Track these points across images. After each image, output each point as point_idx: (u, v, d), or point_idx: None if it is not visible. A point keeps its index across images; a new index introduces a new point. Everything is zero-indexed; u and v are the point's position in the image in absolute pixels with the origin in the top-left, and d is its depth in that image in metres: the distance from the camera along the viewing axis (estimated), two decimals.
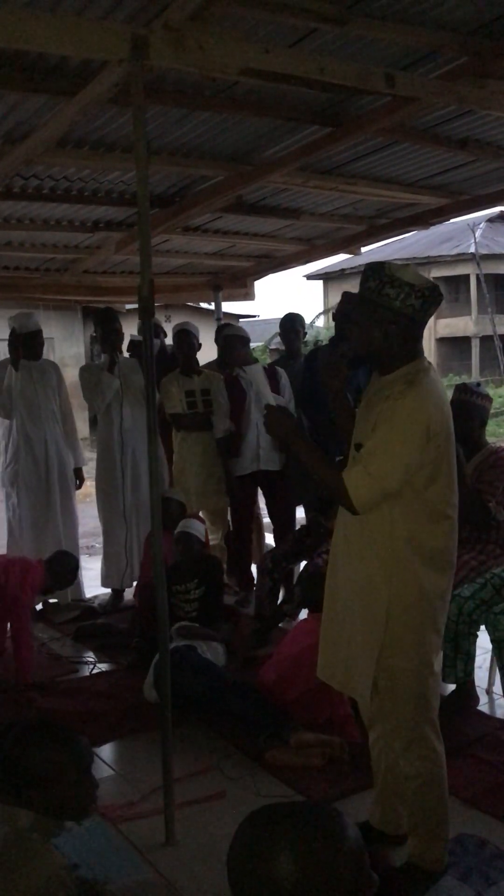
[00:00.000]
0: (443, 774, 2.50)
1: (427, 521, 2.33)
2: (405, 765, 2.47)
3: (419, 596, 2.33)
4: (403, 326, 2.30)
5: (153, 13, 2.69)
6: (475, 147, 4.24)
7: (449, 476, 2.34)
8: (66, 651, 4.79)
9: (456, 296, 32.64)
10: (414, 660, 2.37)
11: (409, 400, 2.24)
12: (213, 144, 4.12)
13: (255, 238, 6.11)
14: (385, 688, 2.42)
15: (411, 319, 2.29)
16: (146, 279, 2.62)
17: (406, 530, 2.31)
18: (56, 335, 17.49)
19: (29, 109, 3.46)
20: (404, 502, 2.29)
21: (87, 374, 5.44)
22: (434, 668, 2.42)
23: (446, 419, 2.32)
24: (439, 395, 2.33)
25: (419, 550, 2.33)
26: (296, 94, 3.50)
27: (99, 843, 2.78)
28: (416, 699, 2.40)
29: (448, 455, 2.33)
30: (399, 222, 5.88)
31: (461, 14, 2.91)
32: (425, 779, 2.46)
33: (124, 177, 4.48)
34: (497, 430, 16.23)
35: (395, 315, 2.27)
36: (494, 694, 3.87)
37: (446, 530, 2.37)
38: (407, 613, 2.34)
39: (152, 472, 2.74)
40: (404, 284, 2.26)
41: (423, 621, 2.36)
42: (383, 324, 2.29)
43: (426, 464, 2.26)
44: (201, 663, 3.66)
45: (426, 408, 2.25)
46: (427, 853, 2.49)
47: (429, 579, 2.35)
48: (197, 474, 5.37)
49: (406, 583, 2.32)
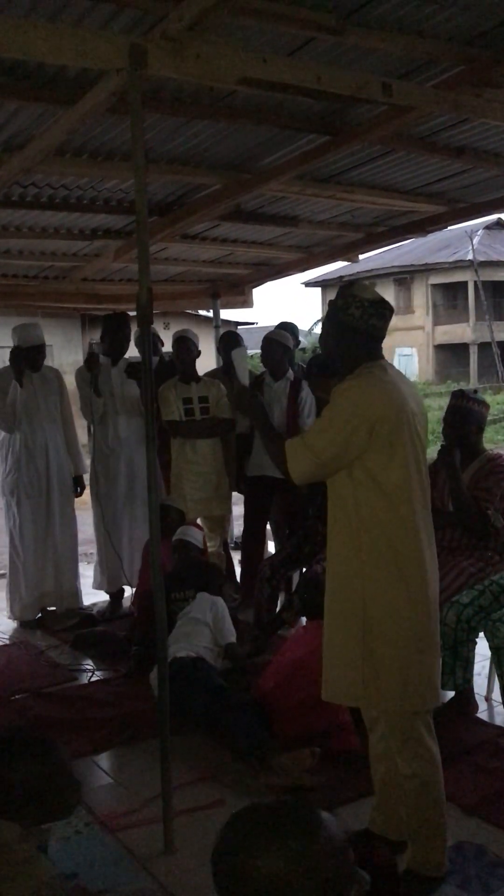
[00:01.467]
0: (438, 776, 2.50)
1: (388, 508, 2.41)
2: (402, 764, 2.48)
3: (396, 577, 2.40)
4: (364, 339, 2.50)
5: (151, 23, 2.70)
6: (472, 155, 4.27)
7: (409, 465, 2.42)
8: (65, 659, 4.78)
9: (454, 303, 32.75)
10: (396, 645, 2.40)
11: (350, 386, 2.43)
12: (212, 153, 4.13)
13: (253, 246, 6.13)
14: (370, 676, 2.44)
15: (368, 334, 2.49)
16: (144, 287, 2.63)
17: (370, 514, 2.41)
18: (55, 342, 17.52)
19: (28, 118, 3.47)
20: (364, 486, 2.40)
21: (82, 379, 5.46)
22: (418, 654, 2.42)
23: (397, 406, 2.40)
24: (387, 384, 2.43)
25: (385, 532, 2.41)
26: (293, 103, 3.52)
27: (97, 851, 2.77)
28: (402, 686, 2.41)
29: (406, 442, 2.41)
30: (397, 230, 5.90)
31: (457, 23, 2.93)
32: (422, 779, 2.46)
33: (123, 185, 4.49)
34: (495, 437, 16.25)
35: (354, 330, 2.49)
36: (493, 701, 3.86)
37: (405, 514, 2.42)
38: (383, 594, 2.40)
39: (150, 480, 2.74)
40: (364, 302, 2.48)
41: (400, 602, 2.40)
42: (345, 337, 2.50)
43: (369, 446, 2.37)
44: (202, 680, 3.64)
45: (367, 393, 2.40)
46: (426, 859, 2.49)
47: (400, 560, 2.41)
48: (194, 482, 5.38)
49: (378, 564, 2.41)
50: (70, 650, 4.91)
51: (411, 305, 33.26)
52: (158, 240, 5.27)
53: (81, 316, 16.44)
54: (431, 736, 2.49)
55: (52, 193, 4.58)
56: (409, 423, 2.43)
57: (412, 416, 2.45)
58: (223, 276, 7.25)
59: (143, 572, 5.00)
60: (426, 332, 32.85)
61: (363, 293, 2.51)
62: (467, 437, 3.94)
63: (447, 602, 3.60)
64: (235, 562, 5.89)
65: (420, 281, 32.76)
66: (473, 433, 3.97)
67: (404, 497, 2.42)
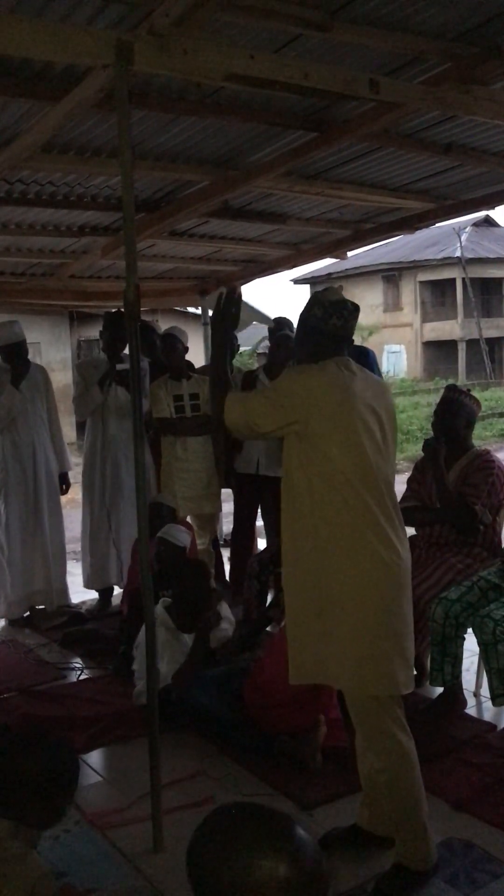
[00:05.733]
0: (411, 770, 2.49)
1: (335, 489, 2.45)
2: (373, 758, 2.51)
3: (350, 562, 2.45)
4: (325, 339, 2.60)
5: (138, 19, 2.69)
6: (459, 152, 4.27)
7: (362, 453, 2.47)
8: (53, 657, 4.77)
9: (442, 300, 32.80)
10: (351, 626, 2.43)
11: (300, 369, 2.59)
12: (199, 149, 4.12)
13: (241, 243, 6.11)
14: (325, 655, 2.48)
15: (330, 333, 2.60)
16: (132, 284, 2.62)
17: (320, 496, 2.47)
18: (43, 339, 17.45)
19: (13, 114, 3.45)
20: (314, 462, 2.47)
21: (81, 375, 5.46)
22: (375, 638, 2.43)
23: (341, 391, 2.48)
24: (337, 374, 2.51)
25: (337, 513, 2.46)
26: (281, 100, 3.51)
27: (86, 850, 2.77)
28: (357, 668, 2.42)
29: (358, 430, 2.47)
30: (385, 227, 5.90)
31: (444, 20, 2.93)
32: (391, 773, 2.47)
33: (110, 181, 4.47)
34: (483, 433, 16.32)
35: (317, 331, 2.60)
36: (482, 697, 3.88)
37: (352, 497, 2.45)
38: (336, 574, 2.46)
39: (138, 478, 2.73)
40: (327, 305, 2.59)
41: (355, 584, 2.43)
42: (309, 337, 2.62)
43: (307, 426, 2.45)
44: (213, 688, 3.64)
45: (311, 374, 2.50)
46: (412, 852, 2.50)
47: (352, 546, 2.45)
48: (185, 479, 5.37)
49: (327, 547, 2.47)
50: (59, 648, 4.90)
51: (400, 302, 33.30)
52: (146, 237, 5.26)
53: (69, 313, 16.35)
54: (402, 730, 2.49)
55: (39, 190, 4.56)
56: (360, 412, 2.48)
57: (365, 408, 2.50)
58: (211, 273, 7.23)
59: (132, 570, 5.00)
60: (414, 329, 32.90)
61: (327, 295, 2.63)
62: (456, 431, 3.96)
63: (435, 598, 3.61)
64: (225, 559, 5.89)
65: (408, 278, 32.79)
66: (462, 427, 3.99)
67: (355, 482, 2.45)
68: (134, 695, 3.84)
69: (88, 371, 5.47)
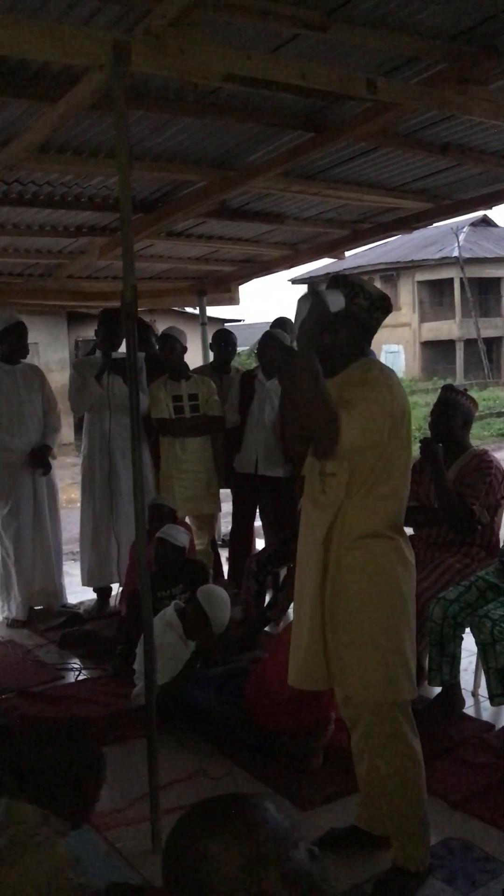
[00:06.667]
0: (420, 774, 2.49)
1: (375, 500, 2.40)
2: (382, 763, 2.48)
3: (371, 572, 2.42)
4: (364, 332, 2.46)
5: (135, 19, 2.69)
6: (457, 152, 4.27)
7: (407, 465, 2.47)
8: (52, 658, 4.76)
9: (440, 299, 32.83)
10: (359, 632, 2.40)
11: (372, 382, 2.35)
12: (196, 150, 4.12)
13: (238, 243, 6.11)
14: (331, 660, 2.45)
15: (370, 327, 2.45)
16: (129, 284, 2.62)
17: (355, 511, 2.39)
18: (41, 340, 17.42)
19: (10, 115, 3.45)
20: (376, 472, 2.38)
21: (78, 372, 5.45)
22: (384, 644, 2.41)
23: (403, 404, 2.42)
24: (396, 382, 2.43)
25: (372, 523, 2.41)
26: (278, 100, 3.51)
27: (85, 850, 2.76)
28: (362, 675, 2.41)
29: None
30: (382, 227, 5.90)
31: (442, 20, 2.93)
32: (402, 777, 2.46)
33: (107, 182, 4.47)
34: (482, 433, 16.33)
35: (357, 320, 2.42)
36: (480, 696, 3.88)
37: (398, 509, 2.46)
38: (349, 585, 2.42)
39: (136, 479, 2.73)
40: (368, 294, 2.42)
41: (380, 587, 2.41)
42: (346, 326, 2.41)
43: (390, 437, 2.35)
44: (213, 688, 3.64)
45: (395, 387, 2.38)
46: (410, 854, 2.49)
47: (379, 557, 2.42)
48: (184, 480, 5.36)
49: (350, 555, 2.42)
50: (57, 649, 4.89)
51: (398, 302, 33.29)
52: (143, 237, 5.26)
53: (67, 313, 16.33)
54: (414, 733, 2.49)
55: (37, 190, 4.55)
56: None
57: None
58: (209, 273, 7.23)
59: (130, 571, 5.00)
60: (413, 328, 32.92)
61: (369, 286, 2.45)
62: (453, 431, 3.96)
63: (433, 598, 3.61)
64: (223, 559, 5.89)
65: (406, 278, 32.82)
66: (459, 427, 3.98)
67: (401, 495, 2.46)
68: (132, 695, 3.84)
69: (85, 368, 5.46)
